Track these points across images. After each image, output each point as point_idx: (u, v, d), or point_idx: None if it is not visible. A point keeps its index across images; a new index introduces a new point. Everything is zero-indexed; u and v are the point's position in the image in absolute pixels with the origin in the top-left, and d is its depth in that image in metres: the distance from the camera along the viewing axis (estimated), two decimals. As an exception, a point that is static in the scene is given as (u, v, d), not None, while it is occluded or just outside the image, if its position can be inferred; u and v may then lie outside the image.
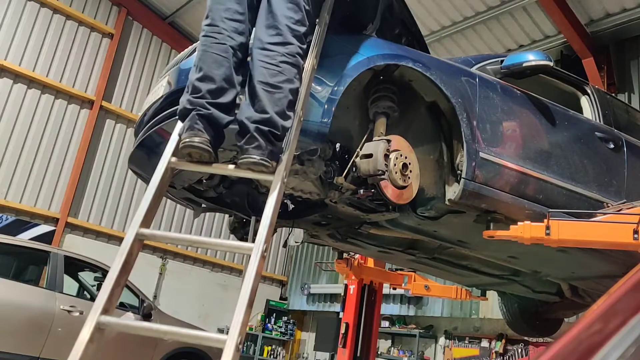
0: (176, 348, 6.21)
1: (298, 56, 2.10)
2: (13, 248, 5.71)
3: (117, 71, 10.69)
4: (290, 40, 2.09)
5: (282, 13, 2.12)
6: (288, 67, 2.05)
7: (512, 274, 3.98)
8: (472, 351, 8.89)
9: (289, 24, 2.11)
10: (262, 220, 1.84)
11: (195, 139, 1.93)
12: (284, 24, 2.11)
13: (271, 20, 2.12)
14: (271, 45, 2.08)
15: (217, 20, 2.14)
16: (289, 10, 2.14)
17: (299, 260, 12.74)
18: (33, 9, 9.76)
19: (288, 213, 3.18)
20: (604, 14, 7.68)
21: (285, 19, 2.12)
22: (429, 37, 8.63)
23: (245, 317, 1.60)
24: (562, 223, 2.66)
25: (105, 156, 10.40)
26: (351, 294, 5.72)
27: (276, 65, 2.04)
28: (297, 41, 2.11)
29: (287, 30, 2.10)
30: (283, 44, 2.08)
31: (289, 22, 2.12)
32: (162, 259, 10.81)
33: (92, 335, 1.58)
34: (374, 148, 2.37)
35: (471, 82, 2.81)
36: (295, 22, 2.13)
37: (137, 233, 1.82)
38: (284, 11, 2.13)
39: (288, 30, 2.10)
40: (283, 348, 12.03)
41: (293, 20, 2.13)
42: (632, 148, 3.53)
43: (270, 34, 2.10)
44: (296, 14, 2.14)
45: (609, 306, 0.82)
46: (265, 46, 2.08)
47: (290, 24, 2.12)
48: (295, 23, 2.13)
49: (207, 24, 2.17)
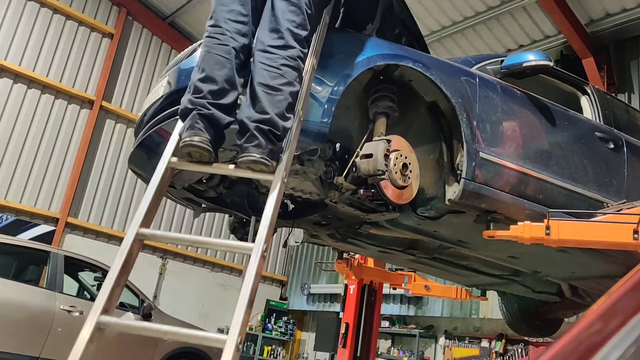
0: (176, 348, 6.21)
1: (299, 60, 2.11)
2: (13, 248, 5.71)
3: (117, 71, 10.70)
4: (292, 44, 2.10)
5: (284, 17, 2.13)
6: (289, 70, 2.06)
7: (512, 274, 3.98)
8: (472, 351, 8.89)
9: (291, 27, 2.12)
10: (262, 220, 1.84)
11: (196, 138, 1.93)
12: (285, 27, 2.11)
13: (274, 24, 2.13)
14: (273, 48, 2.09)
15: (220, 21, 2.15)
16: (291, 13, 2.14)
17: (299, 260, 12.74)
18: (33, 9, 9.76)
19: (288, 213, 3.18)
20: (604, 14, 7.68)
21: (287, 23, 2.12)
22: (429, 37, 8.63)
23: (245, 317, 1.60)
24: (562, 223, 2.66)
25: (105, 156, 10.40)
26: (351, 294, 5.72)
27: (277, 67, 2.05)
28: (298, 45, 2.12)
29: (288, 33, 2.11)
30: (284, 47, 2.09)
31: (290, 26, 2.12)
32: (162, 259, 10.81)
33: (92, 335, 1.58)
34: (374, 148, 2.37)
35: (471, 82, 2.81)
36: (297, 25, 2.14)
37: (137, 233, 1.82)
38: (287, 15, 2.14)
39: (290, 33, 2.11)
40: (283, 348, 12.02)
41: (295, 24, 2.13)
42: (632, 148, 3.53)
43: (272, 37, 2.11)
44: (298, 17, 2.15)
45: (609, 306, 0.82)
46: (267, 49, 2.09)
47: (292, 28, 2.12)
48: (297, 27, 2.13)
49: (210, 24, 2.17)
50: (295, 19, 2.14)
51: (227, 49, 2.09)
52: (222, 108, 2.02)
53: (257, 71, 2.07)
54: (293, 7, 2.15)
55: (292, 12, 2.15)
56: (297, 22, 2.14)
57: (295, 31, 2.13)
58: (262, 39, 2.14)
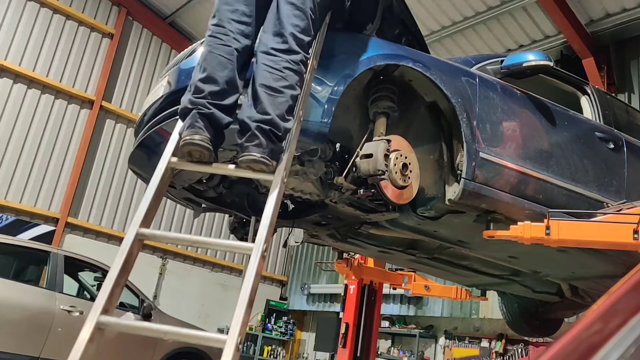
0: (176, 348, 6.21)
1: (302, 64, 2.11)
2: (13, 248, 5.71)
3: (117, 71, 10.70)
4: (295, 48, 2.10)
5: (289, 21, 2.13)
6: (291, 73, 2.06)
7: (512, 274, 3.98)
8: (472, 351, 8.89)
9: (295, 32, 2.12)
10: (262, 220, 1.84)
11: (196, 136, 1.93)
12: (290, 32, 2.11)
13: (278, 27, 2.13)
14: (276, 50, 2.08)
15: (224, 21, 2.15)
16: (296, 18, 2.14)
17: (299, 260, 12.74)
18: (33, 9, 9.76)
19: (288, 213, 3.18)
20: (604, 14, 7.68)
21: (291, 27, 2.12)
22: (429, 37, 8.63)
23: (245, 317, 1.60)
24: (562, 223, 2.66)
25: (105, 156, 10.40)
26: (351, 294, 5.72)
27: (280, 70, 2.05)
28: (301, 50, 2.12)
29: (292, 38, 2.10)
30: (288, 51, 2.09)
31: (294, 31, 2.12)
32: (162, 259, 10.81)
33: (92, 335, 1.58)
34: (374, 148, 2.37)
35: (471, 82, 2.81)
36: (301, 31, 2.13)
37: (137, 233, 1.82)
38: (291, 19, 2.13)
39: (293, 38, 2.11)
40: (283, 348, 12.03)
41: (299, 29, 2.13)
42: (632, 148, 3.53)
43: (276, 40, 2.11)
44: (302, 22, 2.15)
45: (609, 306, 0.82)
46: (270, 51, 2.09)
47: (296, 33, 2.12)
48: (301, 32, 2.13)
49: (213, 23, 2.17)
50: (299, 24, 2.14)
51: (230, 49, 2.08)
52: (222, 108, 2.02)
53: (259, 72, 2.06)
54: (298, 12, 2.15)
55: (297, 17, 2.14)
56: (302, 27, 2.14)
57: (300, 36, 2.12)
58: (266, 40, 2.13)
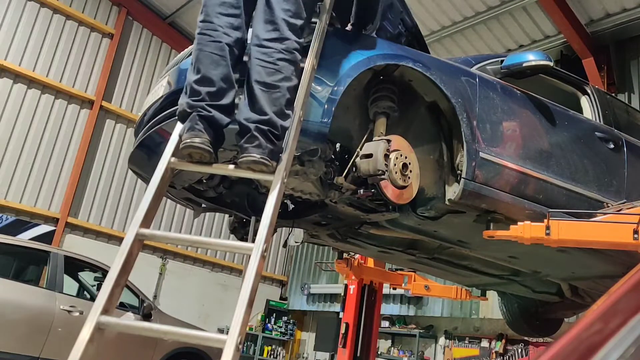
0: (176, 348, 6.20)
1: (296, 52, 2.08)
2: (13, 248, 5.71)
3: (117, 71, 10.70)
4: (287, 35, 2.07)
5: (279, 6, 2.10)
6: (285, 64, 2.04)
7: (512, 274, 3.98)
8: (472, 351, 8.89)
9: (286, 17, 2.09)
10: (262, 220, 1.84)
11: (196, 139, 1.92)
12: (281, 17, 2.08)
13: (268, 15, 2.10)
14: (268, 41, 2.06)
15: (211, 15, 2.12)
16: (285, 2, 2.11)
17: (299, 260, 12.74)
18: (33, 9, 9.76)
19: (288, 213, 3.18)
20: (604, 14, 7.68)
21: (282, 13, 2.09)
22: (429, 37, 8.63)
23: (245, 317, 1.60)
24: (562, 223, 2.66)
25: (105, 156, 10.40)
26: (351, 294, 5.72)
27: (273, 63, 2.02)
28: (294, 36, 2.09)
29: (284, 24, 2.08)
30: (280, 39, 2.06)
31: (285, 16, 2.09)
32: (162, 259, 10.81)
33: (92, 335, 1.58)
34: (374, 148, 2.37)
35: (471, 82, 2.81)
36: (292, 15, 2.11)
37: (137, 233, 1.82)
38: (281, 4, 2.11)
39: (285, 24, 2.08)
40: (283, 348, 12.02)
41: (290, 13, 2.10)
42: (632, 148, 3.53)
43: (267, 29, 2.08)
44: (293, 5, 2.12)
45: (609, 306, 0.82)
46: (262, 43, 2.06)
47: (287, 18, 2.09)
48: (292, 16, 2.11)
49: (201, 20, 2.14)
50: (290, 8, 2.11)
51: (221, 45, 2.05)
52: (221, 109, 2.01)
53: (253, 68, 2.04)
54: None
55: (288, 1, 2.11)
56: (293, 11, 2.11)
57: (291, 21, 2.10)
58: (257, 32, 2.10)
